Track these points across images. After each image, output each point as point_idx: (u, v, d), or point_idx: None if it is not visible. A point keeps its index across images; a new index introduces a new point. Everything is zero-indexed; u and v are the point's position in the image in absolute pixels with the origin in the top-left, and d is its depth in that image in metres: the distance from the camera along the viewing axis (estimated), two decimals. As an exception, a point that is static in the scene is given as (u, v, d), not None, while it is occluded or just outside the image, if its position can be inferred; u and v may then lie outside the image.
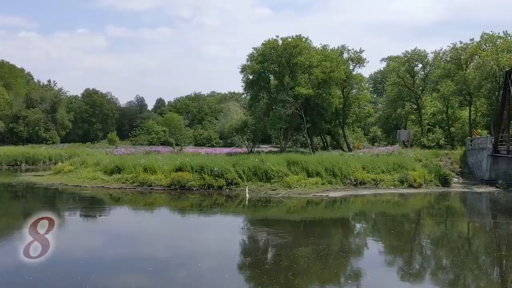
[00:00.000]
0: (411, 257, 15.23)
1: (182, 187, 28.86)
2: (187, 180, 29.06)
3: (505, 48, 44.57)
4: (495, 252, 15.78)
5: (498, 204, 27.54)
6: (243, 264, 14.12)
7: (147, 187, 29.38)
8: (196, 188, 28.73)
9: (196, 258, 14.48)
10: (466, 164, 38.38)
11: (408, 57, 54.94)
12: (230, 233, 18.56)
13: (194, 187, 28.83)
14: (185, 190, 28.57)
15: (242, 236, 18.22)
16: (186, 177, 29.19)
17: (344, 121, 54.26)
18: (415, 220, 22.83)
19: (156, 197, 27.57)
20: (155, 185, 29.50)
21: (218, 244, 16.63)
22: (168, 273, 12.74)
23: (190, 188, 28.69)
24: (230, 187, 29.06)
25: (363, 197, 28.05)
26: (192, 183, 29.01)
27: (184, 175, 29.36)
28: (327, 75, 47.37)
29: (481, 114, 50.94)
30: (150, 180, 29.77)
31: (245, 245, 16.73)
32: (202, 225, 20.95)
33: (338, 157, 34.42)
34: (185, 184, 28.91)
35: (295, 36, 48.95)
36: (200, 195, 27.75)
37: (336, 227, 20.45)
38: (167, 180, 29.49)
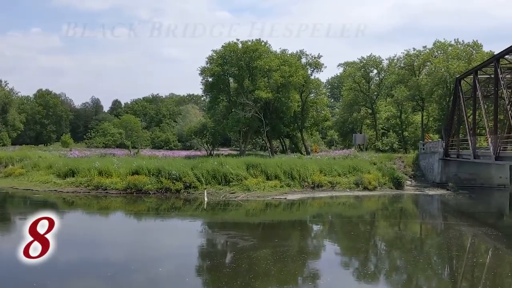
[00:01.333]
0: (367, 258, 15.58)
1: (138, 190, 28.38)
2: (144, 183, 28.61)
3: (455, 56, 46.47)
4: (446, 252, 16.40)
5: (448, 206, 28.61)
6: (203, 267, 14.03)
7: (102, 191, 28.70)
8: (153, 192, 28.33)
9: (155, 262, 14.26)
10: (418, 167, 39.73)
11: (363, 63, 56.38)
12: (189, 237, 18.41)
13: (151, 190, 28.41)
14: (141, 194, 28.10)
15: (201, 240, 18.11)
16: (142, 181, 28.73)
17: (302, 125, 54.91)
18: (370, 222, 23.37)
19: (112, 201, 26.97)
20: (110, 188, 28.86)
21: (177, 248, 16.46)
22: (127, 278, 12.50)
23: (147, 192, 28.26)
24: (188, 190, 28.84)
25: (320, 199, 28.49)
26: (149, 186, 28.58)
27: (140, 179, 28.88)
28: (286, 79, 47.79)
29: (433, 119, 52.83)
30: (105, 184, 29.10)
31: (204, 248, 16.63)
32: (160, 229, 20.67)
33: (296, 160, 34.87)
34: (141, 188, 28.44)
35: (255, 40, 49.22)
36: (157, 199, 27.36)
37: (294, 229, 20.66)
38: (123, 184, 28.93)
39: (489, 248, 17.22)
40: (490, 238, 18.71)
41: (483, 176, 36.02)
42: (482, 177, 36.02)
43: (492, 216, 25.48)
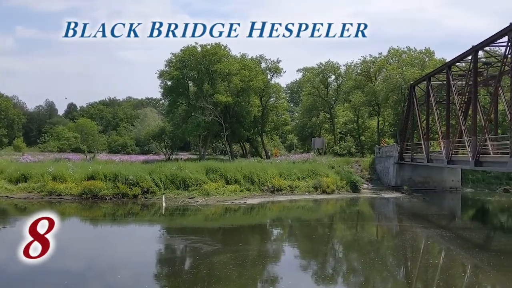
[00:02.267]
0: (325, 260, 15.74)
1: (94, 196, 27.65)
2: (100, 189, 27.90)
3: (409, 63, 47.97)
4: (402, 254, 16.81)
5: (403, 209, 29.37)
6: (162, 274, 13.77)
7: (56, 197, 27.79)
8: (110, 197, 27.68)
9: (113, 269, 13.90)
10: (374, 171, 40.66)
11: (322, 68, 57.33)
12: (147, 243, 18.05)
13: (107, 196, 27.74)
14: (97, 200, 27.39)
15: (159, 246, 17.80)
16: (98, 186, 28.01)
17: (262, 129, 55.15)
18: (329, 225, 23.67)
19: (66, 206, 26.12)
20: (64, 194, 27.98)
21: (135, 255, 16.09)
22: (85, 286, 12.12)
23: (103, 198, 27.57)
24: (146, 195, 28.35)
25: (279, 203, 28.63)
26: (105, 192, 27.90)
27: (96, 184, 28.16)
28: (246, 84, 47.91)
29: (388, 124, 54.24)
30: (59, 189, 28.19)
31: (163, 254, 16.34)
32: (117, 235, 20.18)
33: (256, 164, 34.94)
34: (97, 193, 27.72)
35: (214, 43, 49.08)
36: (113, 204, 26.73)
37: (254, 234, 20.64)
38: (78, 189, 28.10)
39: (442, 249, 17.77)
40: (443, 240, 19.32)
41: (436, 179, 37.25)
42: (435, 180, 37.24)
43: (445, 218, 26.32)
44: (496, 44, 25.03)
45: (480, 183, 38.64)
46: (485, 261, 15.12)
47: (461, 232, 21.23)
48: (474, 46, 24.33)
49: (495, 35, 22.07)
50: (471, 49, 24.67)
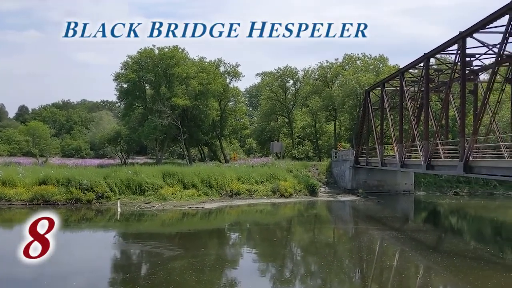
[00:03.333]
0: (283, 264, 15.79)
1: (46, 201, 26.67)
2: (52, 194, 26.95)
3: (364, 68, 49.15)
4: (357, 256, 17.09)
5: (359, 211, 29.95)
6: (118, 280, 13.41)
7: (6, 202, 26.62)
8: (62, 203, 26.78)
9: (67, 277, 13.41)
10: (331, 175, 41.34)
11: (280, 73, 57.84)
12: (102, 249, 17.55)
13: (59, 201, 26.82)
14: (49, 205, 26.42)
15: (115, 252, 17.35)
16: (50, 191, 27.05)
17: (221, 133, 54.98)
18: (287, 228, 23.80)
19: (16, 213, 25.03)
20: (14, 200, 26.83)
21: (90, 260, 15.61)
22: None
23: (55, 203, 26.64)
24: (101, 201, 27.62)
25: (238, 207, 28.57)
26: (58, 197, 26.97)
27: (48, 189, 27.17)
28: (205, 87, 47.65)
29: (344, 129, 55.31)
30: (8, 195, 27.01)
31: (119, 260, 15.94)
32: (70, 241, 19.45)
33: (214, 169, 34.75)
34: (49, 199, 26.76)
35: (172, 46, 48.57)
36: (66, 210, 25.86)
37: (212, 238, 20.46)
38: (29, 194, 27.02)
39: (396, 250, 18.20)
40: (397, 241, 19.81)
41: (390, 182, 38.27)
42: (389, 183, 38.25)
43: (399, 220, 27.01)
44: (447, 52, 26.04)
45: (432, 186, 39.96)
46: (437, 262, 15.59)
47: (414, 234, 21.83)
48: (426, 53, 25.18)
49: (446, 43, 22.92)
50: (423, 57, 25.51)
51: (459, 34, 21.02)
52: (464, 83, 21.67)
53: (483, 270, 14.47)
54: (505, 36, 17.81)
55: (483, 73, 28.93)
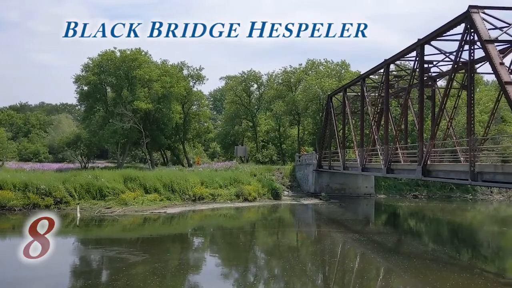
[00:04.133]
0: (247, 268, 15.74)
1: (1, 207, 25.70)
2: (8, 199, 25.97)
3: (326, 74, 49.91)
4: (320, 259, 17.25)
5: (321, 215, 30.27)
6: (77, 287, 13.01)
7: (-43, 209, 25.46)
8: (19, 208, 25.85)
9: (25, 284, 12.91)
10: (295, 178, 41.64)
11: (244, 77, 57.92)
12: (61, 255, 16.95)
13: (16, 207, 25.88)
14: (5, 211, 25.46)
15: (74, 258, 16.88)
16: (6, 196, 26.06)
17: (184, 137, 54.53)
18: (251, 232, 23.78)
19: (-32, 219, 23.99)
20: (-33, 205, 25.70)
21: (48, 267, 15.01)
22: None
23: (12, 209, 25.68)
24: (59, 206, 26.85)
25: (201, 212, 28.34)
26: (14, 202, 26.02)
27: (4, 194, 26.18)
28: (167, 90, 47.19)
29: (308, 133, 55.90)
30: (-40, 200, 25.84)
31: (78, 267, 15.51)
32: (25, 249, 18.76)
33: (177, 173, 34.38)
34: (5, 204, 25.79)
35: (134, 49, 47.89)
36: (23, 215, 24.91)
37: (174, 243, 20.20)
38: (-17, 200, 25.92)
39: (358, 253, 18.49)
40: (359, 244, 20.12)
41: (352, 186, 38.89)
42: (351, 187, 38.87)
43: (360, 223, 27.46)
44: (406, 58, 26.73)
45: (392, 190, 40.87)
46: (398, 264, 15.92)
47: (375, 237, 22.23)
48: (386, 60, 25.78)
49: (405, 50, 23.54)
50: (383, 63, 26.11)
51: (418, 41, 21.63)
52: (422, 89, 22.30)
53: (441, 271, 14.87)
54: (461, 44, 18.44)
55: (440, 79, 29.81)
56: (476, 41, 17.38)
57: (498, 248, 21.28)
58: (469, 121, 18.04)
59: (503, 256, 19.48)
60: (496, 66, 15.72)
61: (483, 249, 20.79)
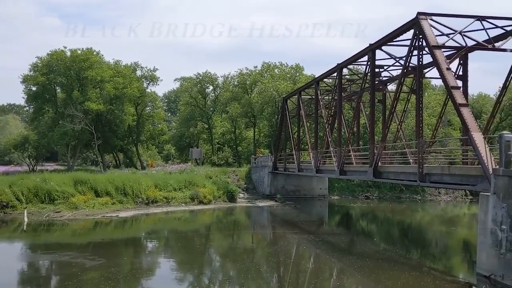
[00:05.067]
0: (201, 271, 15.58)
1: None
2: (-51, 204, 24.62)
3: (281, 77, 50.41)
4: (275, 260, 17.32)
5: (276, 216, 30.46)
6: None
7: None
8: (-39, 213, 24.54)
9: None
10: (250, 180, 41.74)
11: (200, 78, 57.58)
12: (7, 262, 16.27)
13: (-43, 212, 24.56)
14: None
15: (21, 264, 16.19)
16: None
17: (137, 139, 53.55)
18: (205, 235, 23.59)
19: None
20: None
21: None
22: None
23: (-48, 214, 24.35)
24: (5, 210, 25.79)
25: (155, 215, 27.88)
26: (-44, 207, 24.69)
27: None
28: (120, 91, 46.19)
29: (263, 135, 56.22)
30: None
31: (26, 273, 14.88)
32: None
33: (130, 176, 33.68)
34: None
35: (85, 48, 46.55)
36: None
37: (127, 247, 19.73)
38: None
39: (312, 254, 18.70)
40: (313, 245, 20.37)
41: (306, 187, 39.40)
42: (306, 188, 39.37)
43: (314, 224, 27.83)
44: (358, 63, 27.39)
45: (345, 191, 41.72)
46: (351, 264, 16.22)
47: (329, 237, 22.58)
48: (339, 64, 26.32)
49: (357, 55, 24.10)
50: (336, 67, 26.64)
51: (369, 46, 22.20)
52: (373, 92, 22.89)
53: (393, 270, 15.27)
54: (410, 49, 19.08)
55: (391, 83, 30.72)
56: (425, 46, 18.02)
57: (445, 247, 22.12)
58: (418, 124, 18.67)
59: (450, 254, 20.26)
60: (443, 71, 16.35)
61: (431, 248, 21.54)
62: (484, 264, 13.03)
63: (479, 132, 14.80)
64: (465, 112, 15.38)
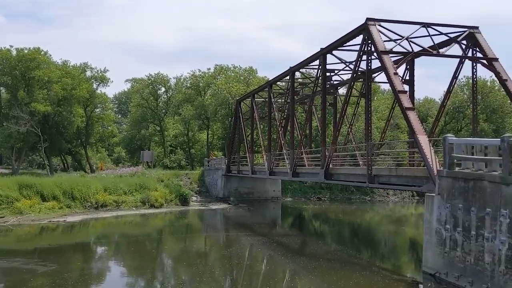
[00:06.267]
0: (153, 276, 15.29)
1: None
2: None
3: (235, 79, 50.47)
4: (228, 263, 17.27)
5: (230, 219, 30.42)
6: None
7: None
8: None
9: None
10: (203, 183, 41.50)
11: (152, 80, 56.73)
12: None
13: None
14: None
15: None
16: None
17: (87, 141, 52.09)
18: (157, 239, 23.21)
19: None
20: None
21: None
22: None
23: None
24: None
25: (104, 220, 27.17)
26: None
27: None
28: (69, 92, 44.82)
29: (217, 137, 56.04)
30: None
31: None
32: None
33: (78, 179, 32.68)
34: None
35: (32, 48, 44.82)
36: None
37: (75, 253, 19.08)
38: None
39: (265, 256, 18.78)
40: (266, 247, 20.47)
41: (260, 189, 39.60)
42: (259, 190, 39.57)
43: (267, 226, 27.99)
44: (310, 66, 27.85)
45: (297, 193, 42.24)
46: (304, 265, 16.41)
47: (282, 239, 22.78)
48: (291, 67, 26.64)
49: (309, 59, 24.49)
50: (289, 70, 26.96)
51: (320, 50, 22.61)
52: (324, 96, 23.33)
53: (344, 270, 15.57)
54: (359, 54, 19.59)
55: (341, 87, 31.45)
56: (373, 52, 18.54)
57: (394, 247, 22.83)
58: (367, 127, 19.17)
59: (398, 254, 20.92)
60: (391, 76, 16.87)
61: (380, 248, 22.17)
62: (429, 262, 13.52)
63: (424, 135, 15.36)
64: (411, 115, 15.92)
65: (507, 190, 10.56)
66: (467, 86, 43.86)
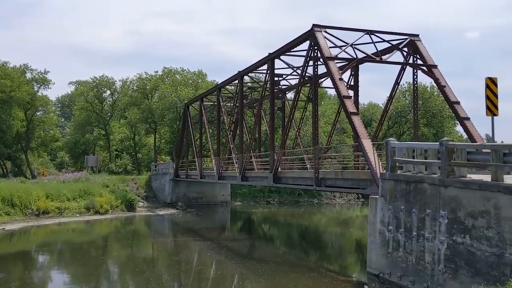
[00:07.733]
0: (98, 284, 14.84)
1: None
2: None
3: (183, 82, 50.05)
4: (176, 269, 17.03)
5: (178, 224, 30.05)
6: None
7: None
8: None
9: None
10: (151, 188, 40.78)
11: (96, 82, 55.22)
12: None
13: None
14: None
15: None
16: None
17: (27, 146, 49.90)
18: (103, 246, 22.55)
19: None
20: None
21: None
22: None
23: None
24: None
25: (46, 227, 26.12)
26: None
27: None
28: (7, 95, 42.83)
29: (165, 141, 55.22)
30: None
31: None
32: None
33: (18, 185, 31.19)
34: None
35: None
36: None
37: (15, 262, 18.17)
38: None
39: (214, 260, 18.68)
40: (215, 251, 20.38)
41: (209, 194, 39.39)
42: (208, 195, 39.35)
43: (216, 231, 27.87)
44: (259, 71, 28.10)
45: (247, 196, 42.36)
46: (253, 269, 16.45)
47: (231, 243, 22.75)
48: (240, 71, 26.75)
49: (257, 63, 24.69)
50: (238, 74, 27.06)
51: (268, 55, 22.85)
52: (273, 100, 23.58)
53: (293, 272, 15.74)
54: (306, 60, 19.95)
55: (289, 92, 31.89)
56: (319, 57, 18.93)
57: (340, 248, 23.37)
58: (314, 132, 19.54)
59: (344, 255, 21.43)
60: (336, 81, 17.29)
61: (327, 250, 22.62)
62: (373, 263, 13.93)
63: (368, 139, 15.83)
64: (356, 120, 16.37)
65: (445, 191, 11.07)
66: (409, 91, 45.69)
